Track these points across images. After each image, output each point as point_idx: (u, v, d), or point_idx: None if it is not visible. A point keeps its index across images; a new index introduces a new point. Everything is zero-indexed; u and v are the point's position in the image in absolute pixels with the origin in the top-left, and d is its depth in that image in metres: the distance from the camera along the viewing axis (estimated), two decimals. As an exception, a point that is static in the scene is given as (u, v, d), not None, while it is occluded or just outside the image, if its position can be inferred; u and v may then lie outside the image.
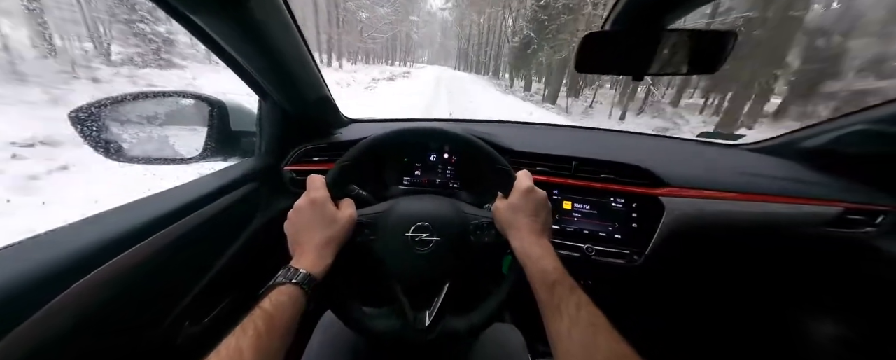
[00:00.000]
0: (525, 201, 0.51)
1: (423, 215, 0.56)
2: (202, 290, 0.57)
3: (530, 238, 0.49)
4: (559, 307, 0.41)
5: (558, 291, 0.42)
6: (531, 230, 0.50)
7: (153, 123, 0.67)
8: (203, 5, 0.42)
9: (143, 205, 0.54)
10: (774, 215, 0.77)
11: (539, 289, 0.44)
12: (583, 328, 0.39)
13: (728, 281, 0.91)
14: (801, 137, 0.95)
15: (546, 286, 0.43)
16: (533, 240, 0.49)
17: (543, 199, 0.53)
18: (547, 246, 0.49)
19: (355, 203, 0.60)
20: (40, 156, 2.94)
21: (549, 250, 0.48)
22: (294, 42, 0.61)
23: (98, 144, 0.60)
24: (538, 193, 0.53)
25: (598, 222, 0.83)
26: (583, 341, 0.38)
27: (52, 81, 5.48)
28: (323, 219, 0.48)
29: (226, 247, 0.64)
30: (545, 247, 0.48)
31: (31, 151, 3.01)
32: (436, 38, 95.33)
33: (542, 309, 0.43)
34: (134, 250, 0.46)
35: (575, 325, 0.39)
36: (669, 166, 0.83)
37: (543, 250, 0.48)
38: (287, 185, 0.84)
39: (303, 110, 0.81)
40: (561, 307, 0.41)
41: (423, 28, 79.00)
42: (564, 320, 0.40)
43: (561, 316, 0.40)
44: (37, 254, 0.39)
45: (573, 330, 0.39)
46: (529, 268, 0.47)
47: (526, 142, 0.89)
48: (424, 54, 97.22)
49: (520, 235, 0.50)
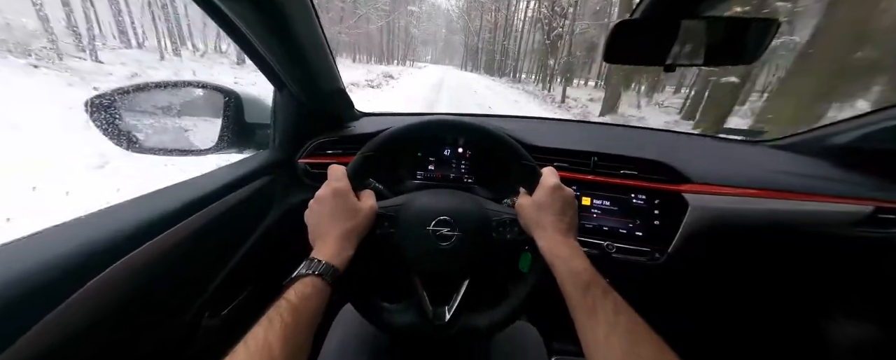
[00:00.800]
0: (552, 199, 0.50)
1: (444, 210, 0.54)
2: (221, 282, 0.56)
3: (557, 237, 0.47)
4: (594, 311, 0.39)
5: (592, 293, 0.41)
6: (557, 229, 0.48)
7: (169, 113, 0.66)
8: None
9: (159, 197, 0.53)
10: (802, 213, 0.75)
11: (570, 290, 0.42)
12: (622, 334, 0.37)
13: (753, 281, 0.88)
14: (828, 133, 0.92)
15: (578, 288, 0.42)
16: (560, 239, 0.47)
17: (571, 197, 0.51)
18: (575, 246, 0.47)
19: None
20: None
21: (578, 249, 0.47)
22: (314, 34, 0.60)
23: (113, 134, 0.59)
24: (566, 191, 0.51)
25: (619, 219, 0.81)
26: (623, 349, 0.36)
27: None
28: (345, 209, 0.47)
29: (243, 240, 0.63)
30: (573, 247, 0.47)
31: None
32: (440, 35, 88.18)
33: (575, 312, 0.41)
34: (152, 242, 0.45)
35: (613, 331, 0.37)
36: (691, 162, 0.81)
37: (572, 249, 0.46)
38: (301, 178, 0.82)
39: (318, 102, 0.79)
40: (596, 310, 0.39)
41: (426, 22, 72.57)
42: (601, 324, 0.38)
43: (596, 321, 0.38)
44: (55, 247, 0.38)
45: (612, 337, 0.37)
46: (559, 268, 0.45)
47: (543, 137, 0.88)
48: (428, 52, 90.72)
49: (546, 234, 0.48)
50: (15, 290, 0.33)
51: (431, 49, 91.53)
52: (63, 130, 3.00)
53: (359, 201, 0.50)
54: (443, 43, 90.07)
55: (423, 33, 74.72)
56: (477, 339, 0.53)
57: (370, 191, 0.54)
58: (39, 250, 0.37)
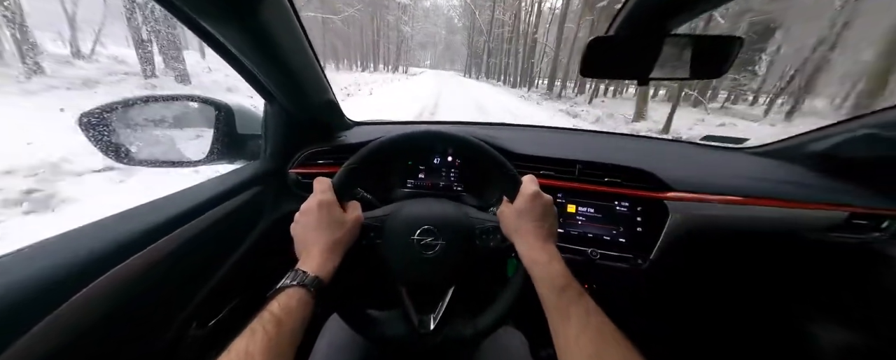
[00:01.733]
0: (531, 206, 0.51)
1: (429, 219, 0.56)
2: (208, 293, 0.57)
3: (536, 243, 0.49)
4: (568, 313, 0.41)
5: (566, 296, 0.42)
6: (537, 235, 0.50)
7: (161, 126, 0.68)
8: (214, 13, 0.42)
9: (148, 209, 0.54)
10: (780, 219, 0.77)
11: (546, 294, 0.44)
12: (592, 335, 0.38)
13: (734, 286, 0.90)
14: (807, 140, 0.95)
15: (554, 291, 0.43)
16: (539, 245, 0.49)
17: (549, 204, 0.53)
18: (553, 251, 0.49)
19: (362, 205, 0.60)
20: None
21: (556, 255, 0.48)
22: (301, 47, 0.62)
23: (107, 148, 0.61)
24: (544, 198, 0.53)
25: (603, 226, 0.82)
26: (591, 348, 0.37)
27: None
28: (330, 221, 0.48)
29: (231, 250, 0.65)
30: (551, 252, 0.48)
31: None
32: (440, 37, 78.37)
33: (549, 314, 0.43)
34: (140, 255, 0.46)
35: (584, 331, 0.39)
36: (674, 170, 0.83)
37: (550, 255, 0.48)
38: (292, 187, 0.84)
39: (308, 114, 0.81)
40: (570, 312, 0.41)
41: (422, 21, 64.05)
42: (573, 325, 0.40)
43: (569, 321, 0.40)
44: (40, 261, 0.39)
45: (581, 337, 0.38)
46: (536, 273, 0.47)
47: (529, 145, 0.90)
48: (426, 56, 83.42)
49: (526, 240, 0.50)
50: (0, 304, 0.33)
51: (430, 53, 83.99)
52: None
53: (345, 213, 0.51)
54: (443, 45, 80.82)
55: (421, 34, 67.33)
56: (463, 347, 0.54)
57: (356, 202, 0.55)
58: (27, 264, 0.38)
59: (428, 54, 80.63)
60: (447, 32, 74.93)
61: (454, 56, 78.51)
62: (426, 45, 76.02)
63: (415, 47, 65.10)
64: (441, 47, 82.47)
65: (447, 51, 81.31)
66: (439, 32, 76.29)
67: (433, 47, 78.66)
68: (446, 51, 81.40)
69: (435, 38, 78.98)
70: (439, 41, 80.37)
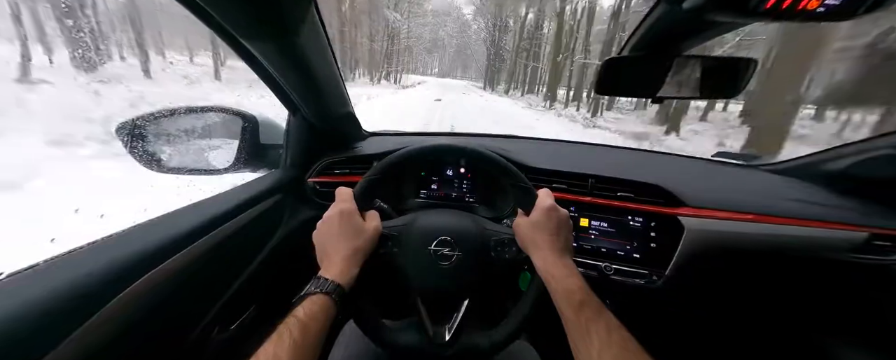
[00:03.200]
0: (547, 220, 0.52)
1: (445, 230, 0.57)
2: (230, 297, 0.59)
3: (552, 257, 0.49)
4: (588, 329, 0.41)
5: (586, 312, 0.42)
6: (553, 249, 0.50)
7: (191, 136, 0.71)
8: (255, 34, 0.45)
9: (175, 217, 0.56)
10: (798, 238, 0.76)
11: (565, 309, 0.44)
12: (615, 353, 0.38)
13: (751, 306, 0.88)
14: (822, 159, 0.94)
15: (572, 306, 0.43)
16: (555, 259, 0.49)
17: (565, 218, 0.54)
18: (570, 265, 0.49)
19: (379, 215, 0.61)
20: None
21: (573, 268, 0.49)
22: (327, 62, 0.65)
23: (141, 156, 0.65)
24: (560, 211, 0.53)
25: (616, 241, 0.82)
26: None
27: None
28: (351, 230, 0.50)
29: (253, 256, 0.67)
30: (569, 266, 0.49)
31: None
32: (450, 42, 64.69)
33: (569, 330, 0.43)
34: (169, 262, 0.48)
35: (606, 349, 0.39)
36: (687, 186, 0.83)
37: (567, 269, 0.48)
38: (310, 196, 0.86)
39: (328, 124, 0.84)
40: (590, 328, 0.41)
41: (430, 20, 51.17)
42: (594, 343, 0.39)
43: (590, 339, 0.40)
44: (74, 270, 0.40)
45: (604, 355, 0.38)
46: (553, 287, 0.47)
47: (541, 158, 0.91)
48: (434, 62, 69.82)
49: (542, 253, 0.50)
50: (38, 312, 0.35)
51: (438, 58, 68.44)
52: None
53: (364, 222, 0.52)
54: (454, 50, 67.55)
55: (431, 34, 54.33)
56: (477, 358, 0.54)
57: (375, 212, 0.57)
58: (59, 275, 0.40)
59: (435, 60, 66.45)
60: (458, 32, 59.91)
61: (467, 61, 68.72)
62: (433, 50, 65.12)
63: (421, 52, 57.31)
64: (452, 51, 70.04)
65: (459, 55, 69.56)
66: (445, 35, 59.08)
67: (442, 51, 66.46)
68: (458, 55, 70.03)
69: (446, 43, 64.67)
70: (450, 46, 65.94)
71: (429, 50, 65.01)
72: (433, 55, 66.41)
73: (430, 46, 62.38)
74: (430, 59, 64.52)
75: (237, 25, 0.44)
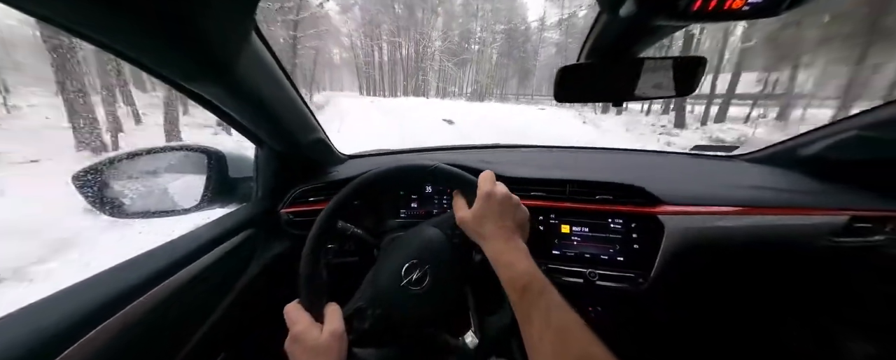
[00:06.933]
0: (487, 206, 0.50)
1: (408, 254, 0.56)
2: (195, 346, 0.56)
3: (499, 244, 0.48)
4: (529, 313, 0.40)
5: (527, 296, 0.41)
6: (499, 236, 0.48)
7: (152, 177, 0.70)
8: (194, 75, 0.44)
9: (135, 263, 0.54)
10: (781, 227, 0.75)
11: (511, 296, 0.43)
12: (553, 333, 0.37)
13: (740, 300, 0.87)
14: (799, 144, 0.94)
15: (516, 292, 0.42)
16: (502, 245, 0.47)
17: (506, 197, 0.51)
18: (518, 248, 0.47)
19: (351, 242, 0.58)
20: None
21: (522, 251, 0.47)
22: (284, 90, 0.64)
23: (100, 203, 0.62)
24: (498, 193, 0.50)
25: (599, 245, 0.81)
26: (553, 348, 0.36)
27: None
28: (310, 354, 0.45)
29: (220, 299, 0.64)
30: (516, 249, 0.47)
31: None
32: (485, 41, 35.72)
33: (517, 317, 0.42)
34: (126, 310, 0.46)
35: (545, 331, 0.38)
36: (665, 183, 0.82)
37: (514, 254, 0.46)
38: (284, 227, 0.84)
39: (298, 153, 0.83)
40: (531, 312, 0.40)
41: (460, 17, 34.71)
42: (535, 325, 0.39)
43: (531, 322, 0.39)
44: (21, 328, 0.38)
45: (544, 336, 0.37)
46: (501, 276, 0.45)
47: (517, 167, 0.90)
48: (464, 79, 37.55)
49: (489, 244, 0.49)
50: None
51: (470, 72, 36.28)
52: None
53: (320, 336, 0.45)
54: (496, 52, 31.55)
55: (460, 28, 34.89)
56: (512, 335, 0.52)
57: (334, 306, 0.51)
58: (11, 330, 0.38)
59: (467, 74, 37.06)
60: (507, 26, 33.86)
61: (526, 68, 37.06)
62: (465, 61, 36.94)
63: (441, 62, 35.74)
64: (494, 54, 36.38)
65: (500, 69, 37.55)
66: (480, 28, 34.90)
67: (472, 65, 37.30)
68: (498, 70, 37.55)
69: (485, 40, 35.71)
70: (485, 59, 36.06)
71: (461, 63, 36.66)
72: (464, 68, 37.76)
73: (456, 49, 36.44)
74: (458, 74, 37.46)
75: (173, 69, 0.43)
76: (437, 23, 35.65)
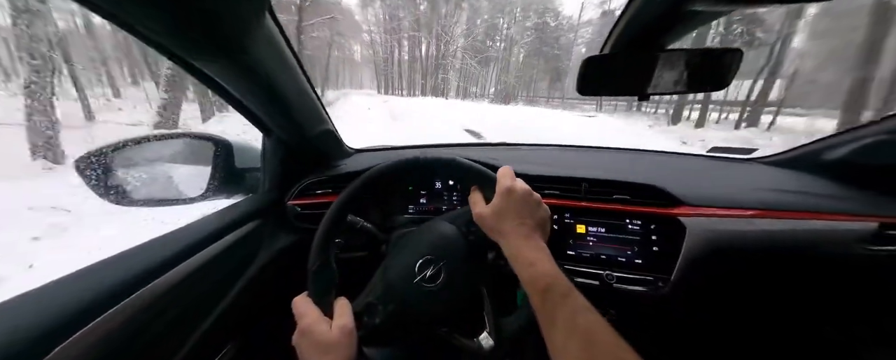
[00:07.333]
0: (507, 203, 0.48)
1: (423, 250, 0.54)
2: (203, 335, 0.54)
3: (518, 242, 0.45)
4: (553, 317, 0.38)
5: (550, 297, 0.39)
6: (519, 234, 0.46)
7: (158, 165, 0.68)
8: (205, 53, 0.42)
9: (142, 250, 0.52)
10: (804, 232, 0.72)
11: (532, 297, 0.41)
12: (579, 338, 0.35)
13: (768, 306, 0.83)
14: (820, 148, 0.92)
15: (538, 294, 0.40)
16: (521, 243, 0.45)
17: (527, 193, 0.49)
18: (539, 247, 0.45)
19: (360, 236, 0.57)
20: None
21: (541, 252, 0.44)
22: (295, 78, 0.62)
23: (103, 189, 0.60)
24: (518, 189, 0.48)
25: (616, 247, 0.78)
26: (580, 353, 0.34)
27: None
28: (319, 349, 0.43)
29: (228, 288, 0.62)
30: (537, 249, 0.45)
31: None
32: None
33: (539, 320, 0.40)
34: (132, 299, 0.44)
35: (571, 336, 0.35)
36: (684, 184, 0.80)
37: (535, 253, 0.44)
38: (291, 219, 0.82)
39: (306, 144, 0.81)
40: (556, 315, 0.38)
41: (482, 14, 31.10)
42: (559, 330, 0.36)
43: (555, 326, 0.37)
44: (32, 307, 0.38)
45: (569, 342, 0.35)
46: (521, 276, 0.43)
47: (531, 165, 0.88)
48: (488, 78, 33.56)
49: (509, 241, 0.46)
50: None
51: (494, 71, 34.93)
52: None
53: (329, 331, 0.44)
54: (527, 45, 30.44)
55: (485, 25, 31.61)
56: (529, 334, 0.50)
57: (344, 301, 0.49)
58: (19, 312, 0.37)
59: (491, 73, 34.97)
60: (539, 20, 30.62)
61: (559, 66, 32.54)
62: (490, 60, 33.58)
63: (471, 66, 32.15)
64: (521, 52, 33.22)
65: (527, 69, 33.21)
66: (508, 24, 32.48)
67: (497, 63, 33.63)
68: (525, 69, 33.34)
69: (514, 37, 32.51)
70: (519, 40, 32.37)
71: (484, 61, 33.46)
72: (488, 67, 34.89)
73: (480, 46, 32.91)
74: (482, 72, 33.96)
75: (182, 46, 0.40)
76: (462, 17, 32.69)
